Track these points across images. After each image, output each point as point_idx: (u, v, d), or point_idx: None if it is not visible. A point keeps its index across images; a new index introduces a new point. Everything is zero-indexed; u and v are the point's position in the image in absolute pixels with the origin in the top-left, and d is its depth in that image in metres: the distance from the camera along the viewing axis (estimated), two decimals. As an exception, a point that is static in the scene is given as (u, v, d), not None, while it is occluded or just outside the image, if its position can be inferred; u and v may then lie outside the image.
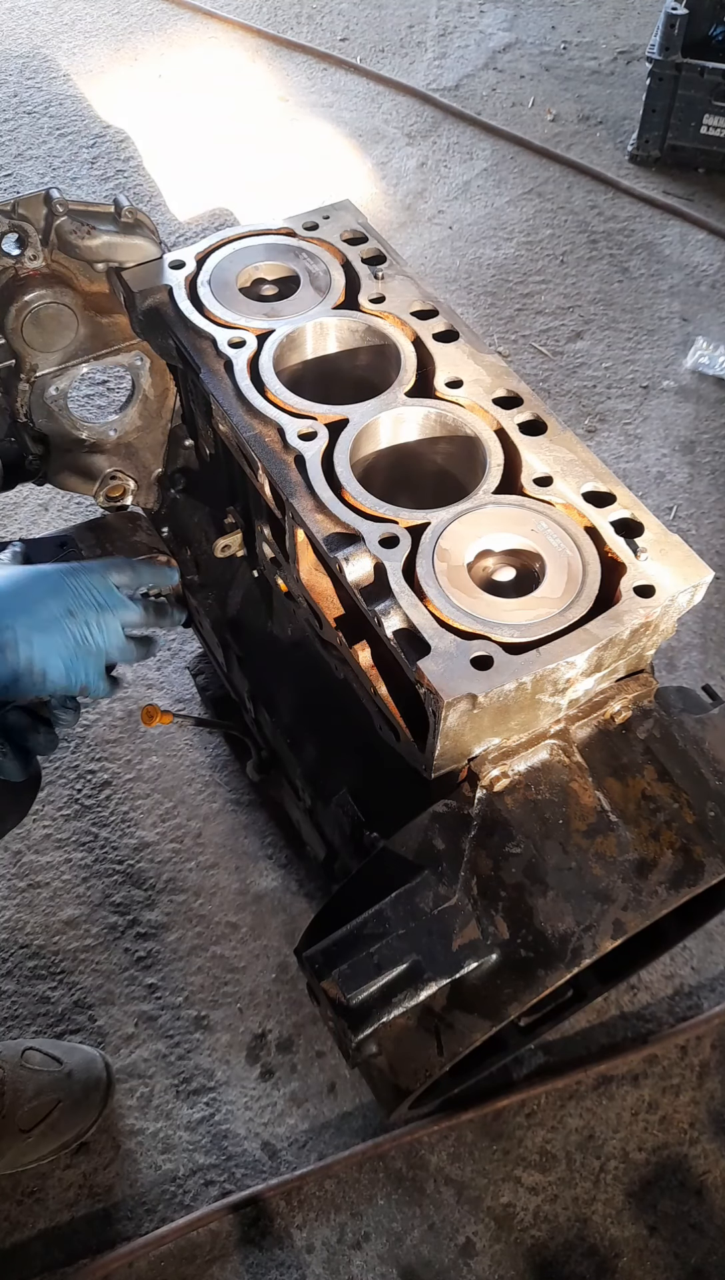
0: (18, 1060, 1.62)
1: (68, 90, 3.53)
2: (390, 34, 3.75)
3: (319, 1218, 1.59)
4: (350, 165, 3.28)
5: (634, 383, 2.71)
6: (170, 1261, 1.55)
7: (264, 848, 1.93)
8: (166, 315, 1.38)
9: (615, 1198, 1.61)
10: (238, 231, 1.47)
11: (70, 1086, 1.62)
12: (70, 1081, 1.63)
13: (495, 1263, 1.56)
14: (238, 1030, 1.75)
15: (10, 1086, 1.58)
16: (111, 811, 1.98)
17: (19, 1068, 1.61)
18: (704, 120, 3.10)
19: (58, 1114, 1.60)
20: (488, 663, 1.01)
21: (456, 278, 2.95)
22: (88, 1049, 1.70)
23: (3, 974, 1.80)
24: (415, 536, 1.11)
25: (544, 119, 3.43)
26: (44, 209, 1.36)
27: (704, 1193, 1.62)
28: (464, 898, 1.10)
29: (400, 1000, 1.07)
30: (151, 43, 3.71)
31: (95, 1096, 1.65)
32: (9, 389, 1.50)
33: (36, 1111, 1.59)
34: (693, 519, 2.43)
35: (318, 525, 1.13)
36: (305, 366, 1.37)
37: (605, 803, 1.13)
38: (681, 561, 1.11)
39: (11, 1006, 1.77)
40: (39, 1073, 1.62)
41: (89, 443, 1.61)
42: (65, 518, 2.41)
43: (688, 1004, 1.77)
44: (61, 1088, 1.62)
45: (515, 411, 1.24)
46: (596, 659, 1.06)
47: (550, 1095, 1.68)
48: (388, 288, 1.39)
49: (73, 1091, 1.62)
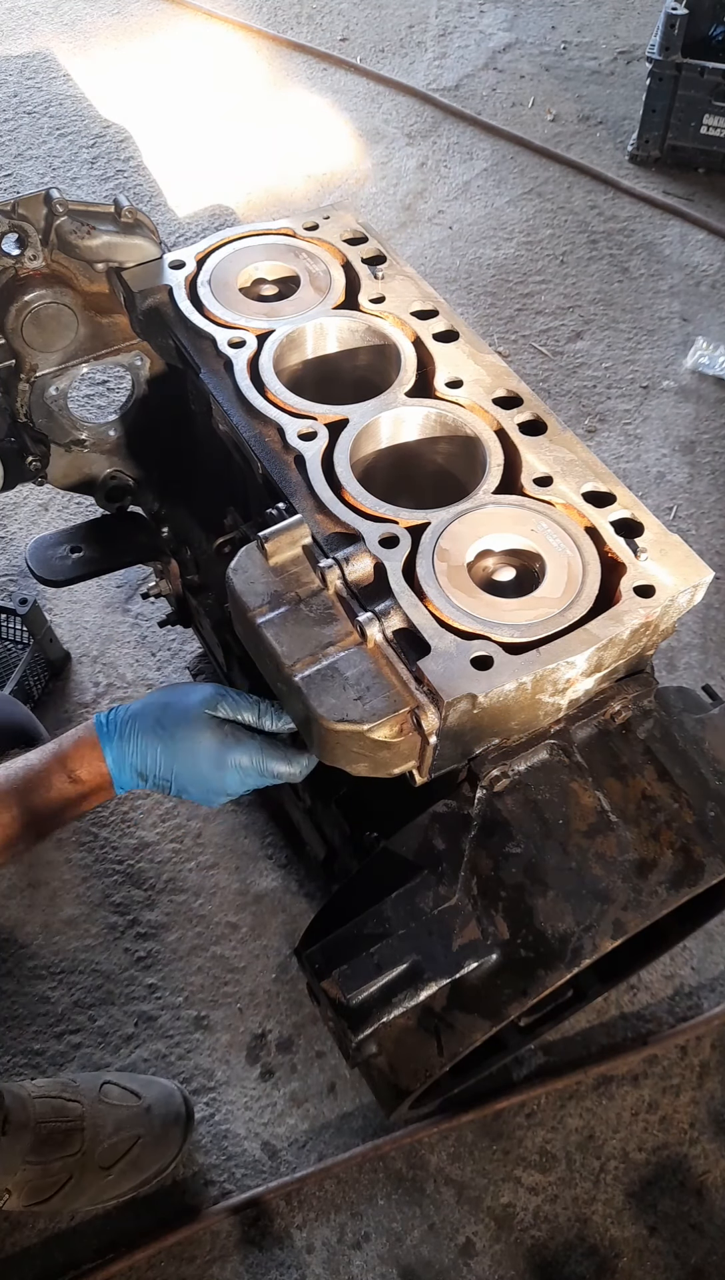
0: (96, 1095, 1.56)
1: (68, 90, 3.53)
2: (390, 34, 3.75)
3: (319, 1218, 1.59)
4: (350, 165, 3.28)
5: (634, 383, 2.71)
6: (170, 1262, 1.55)
7: (264, 848, 1.93)
8: (166, 315, 1.38)
9: (615, 1198, 1.61)
10: (238, 231, 1.47)
11: (150, 1122, 1.57)
12: (150, 1116, 1.58)
13: (495, 1263, 1.56)
14: (238, 1030, 1.75)
15: (90, 1122, 1.53)
16: (111, 811, 1.98)
17: (97, 1103, 1.55)
18: (704, 120, 3.10)
19: (138, 1150, 1.55)
20: (488, 663, 1.01)
21: (456, 278, 2.95)
22: (165, 1082, 1.64)
23: (3, 974, 1.80)
24: (415, 536, 1.11)
25: (544, 119, 3.43)
26: (44, 209, 1.36)
27: (704, 1193, 1.62)
28: (464, 898, 1.10)
29: (400, 1000, 1.07)
30: (151, 43, 3.71)
31: (175, 1132, 1.59)
32: (9, 389, 1.50)
33: (116, 1148, 1.54)
34: (693, 519, 2.43)
35: (318, 525, 1.13)
36: (305, 366, 1.37)
37: (605, 803, 1.13)
38: (681, 561, 1.11)
39: (11, 1006, 1.77)
40: (117, 1107, 1.56)
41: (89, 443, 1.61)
42: (65, 518, 2.41)
43: (688, 1004, 1.77)
44: (141, 1123, 1.56)
45: (515, 411, 1.24)
46: (596, 659, 1.06)
47: (550, 1095, 1.68)
48: (388, 288, 1.39)
49: (152, 1127, 1.57)
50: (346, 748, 1.02)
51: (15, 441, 1.58)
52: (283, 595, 1.08)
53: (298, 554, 1.11)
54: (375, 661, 1.03)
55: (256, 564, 1.10)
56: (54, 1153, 1.48)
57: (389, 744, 1.02)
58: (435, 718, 0.99)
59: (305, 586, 1.09)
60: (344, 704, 1.00)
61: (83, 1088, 1.57)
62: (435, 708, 0.99)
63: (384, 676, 1.01)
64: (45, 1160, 1.48)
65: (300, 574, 1.09)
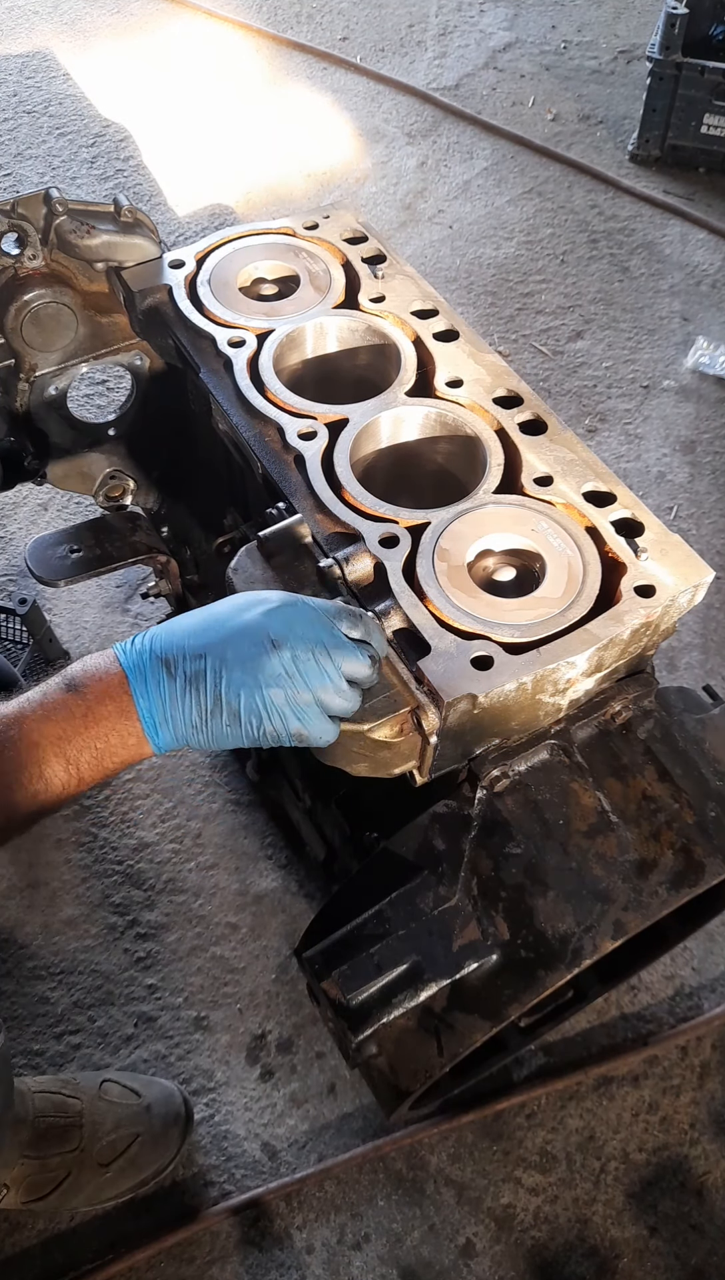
0: (96, 1092, 1.56)
1: (67, 89, 3.53)
2: (390, 33, 3.75)
3: (319, 1219, 1.59)
4: (350, 164, 3.28)
5: (634, 382, 2.70)
6: (170, 1262, 1.55)
7: (264, 848, 1.92)
8: (166, 315, 1.38)
9: (616, 1198, 1.61)
10: (237, 231, 1.47)
11: (149, 1121, 1.57)
12: (149, 1115, 1.57)
13: (495, 1263, 1.56)
14: (237, 1031, 1.75)
15: (89, 1119, 1.53)
16: (111, 812, 1.98)
17: (97, 1100, 1.55)
18: (704, 120, 3.10)
19: (136, 1148, 1.54)
20: (488, 663, 1.00)
21: (456, 277, 2.95)
22: (166, 1082, 1.64)
23: (3, 974, 1.80)
24: (415, 536, 1.11)
25: (544, 118, 3.43)
26: (43, 208, 1.36)
27: (704, 1193, 1.61)
28: (464, 898, 1.10)
29: (400, 1001, 1.07)
30: (151, 42, 3.71)
31: (174, 1132, 1.58)
32: (9, 389, 1.50)
33: (115, 1146, 1.53)
34: (693, 519, 2.43)
35: (318, 525, 1.13)
36: (305, 366, 1.36)
37: (605, 803, 1.12)
38: (682, 561, 1.10)
39: (11, 1007, 1.76)
40: (117, 1105, 1.56)
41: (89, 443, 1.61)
42: (65, 518, 2.41)
43: (688, 1005, 1.77)
44: (140, 1122, 1.56)
45: (515, 411, 1.24)
46: (597, 659, 1.06)
47: (550, 1096, 1.68)
48: (388, 287, 1.38)
49: (151, 1126, 1.56)
50: (347, 748, 1.02)
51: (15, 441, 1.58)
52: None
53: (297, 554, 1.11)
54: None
55: (256, 564, 1.10)
56: (52, 1148, 1.49)
57: (389, 744, 1.02)
58: (436, 718, 0.99)
59: (305, 587, 1.09)
60: (344, 704, 1.00)
61: (83, 1085, 1.58)
62: (435, 708, 0.99)
63: (384, 677, 1.01)
64: (43, 1155, 1.48)
65: (300, 574, 1.09)
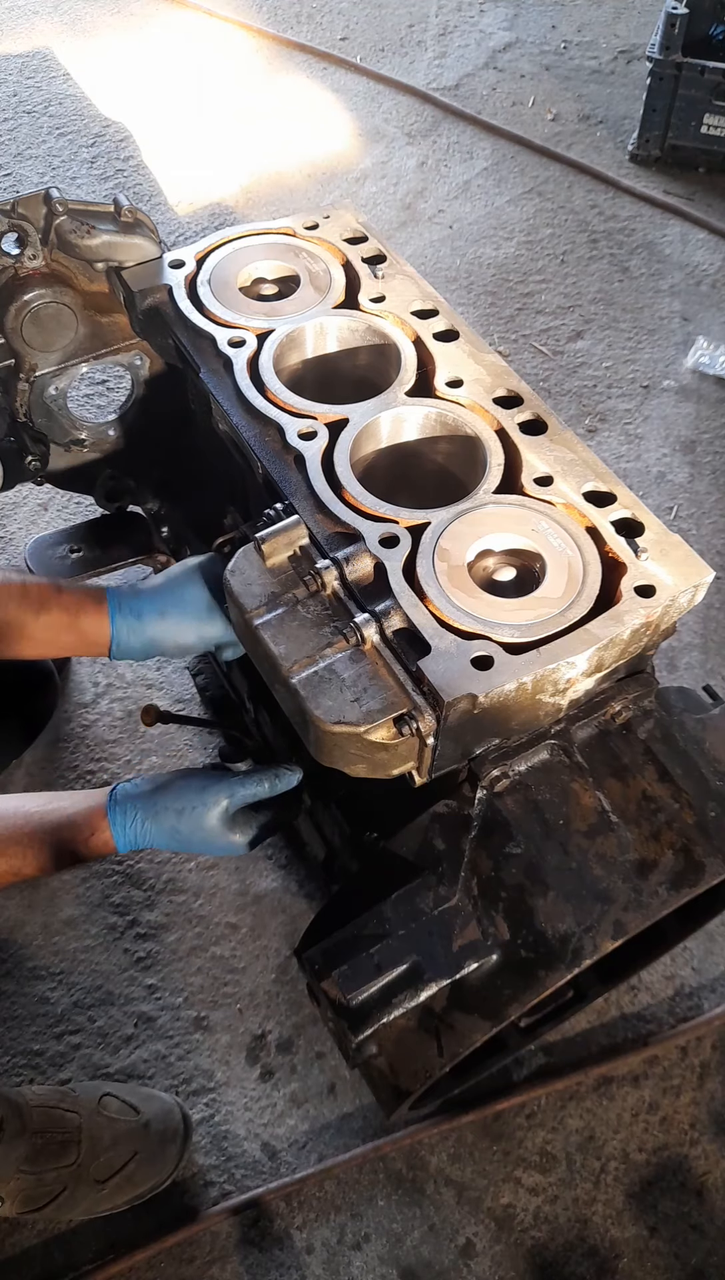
0: (95, 1106, 1.55)
1: (67, 89, 3.53)
2: (390, 33, 3.75)
3: (319, 1219, 1.59)
4: (350, 164, 3.28)
5: (634, 382, 2.70)
6: (170, 1263, 1.55)
7: (264, 848, 1.92)
8: (166, 315, 1.38)
9: (616, 1199, 1.61)
10: (237, 231, 1.47)
11: (147, 1138, 1.55)
12: (147, 1133, 1.55)
13: (495, 1264, 1.56)
14: (237, 1031, 1.75)
15: (87, 1134, 1.51)
16: (111, 812, 1.97)
17: (96, 1114, 1.54)
18: (704, 120, 3.10)
19: (134, 1166, 1.52)
20: (488, 663, 1.00)
21: (456, 277, 2.95)
22: (165, 1097, 1.63)
23: (2, 974, 1.80)
24: (415, 536, 1.11)
25: (544, 118, 3.43)
26: (44, 208, 1.36)
27: (704, 1193, 1.61)
28: (464, 898, 1.10)
29: (400, 1001, 1.07)
30: (152, 42, 3.71)
31: (171, 1150, 1.57)
32: (9, 389, 1.50)
33: (112, 1162, 1.52)
34: (693, 519, 2.43)
35: (318, 525, 1.13)
36: (305, 366, 1.36)
37: (606, 803, 1.12)
38: (682, 561, 1.10)
39: (11, 1007, 1.76)
40: (116, 1121, 1.54)
41: (89, 442, 1.61)
42: (65, 518, 2.41)
43: (688, 1005, 1.77)
44: (138, 1139, 1.54)
45: (515, 411, 1.24)
46: (597, 659, 1.06)
47: (550, 1096, 1.68)
48: (388, 287, 1.38)
49: (149, 1143, 1.55)
50: (344, 749, 1.02)
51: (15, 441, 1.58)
52: (280, 596, 1.08)
53: (295, 555, 1.11)
54: (372, 663, 1.03)
55: (253, 565, 1.10)
56: (49, 1163, 1.47)
57: (386, 745, 1.02)
58: (431, 719, 0.99)
59: (303, 587, 1.09)
60: (341, 706, 1.00)
61: (82, 1099, 1.56)
62: (433, 709, 0.99)
63: (381, 678, 1.01)
64: (40, 1170, 1.46)
65: (298, 574, 1.09)
